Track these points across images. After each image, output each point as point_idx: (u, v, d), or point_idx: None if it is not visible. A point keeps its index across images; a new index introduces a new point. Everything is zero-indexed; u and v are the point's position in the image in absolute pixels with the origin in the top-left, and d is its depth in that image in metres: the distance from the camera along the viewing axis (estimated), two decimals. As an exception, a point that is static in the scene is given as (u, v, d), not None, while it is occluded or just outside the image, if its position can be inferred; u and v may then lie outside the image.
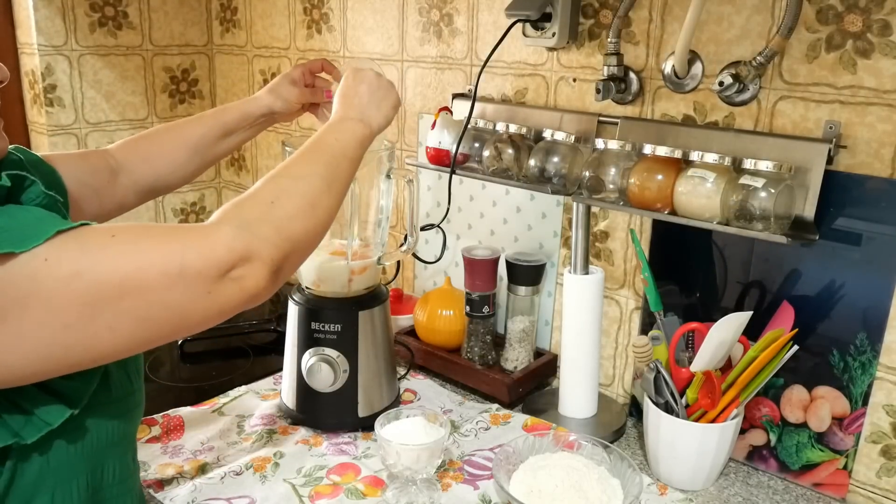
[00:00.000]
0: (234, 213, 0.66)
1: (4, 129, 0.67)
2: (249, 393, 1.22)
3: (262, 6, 1.68)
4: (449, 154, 1.20)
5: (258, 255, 0.63)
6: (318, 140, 0.80)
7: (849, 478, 0.99)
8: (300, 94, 1.08)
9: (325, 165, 0.77)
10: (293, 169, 0.75)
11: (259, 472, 1.00)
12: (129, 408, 0.74)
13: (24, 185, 0.65)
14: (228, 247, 0.62)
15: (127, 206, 0.97)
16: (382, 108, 0.90)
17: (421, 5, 1.35)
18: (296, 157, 0.77)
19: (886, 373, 0.93)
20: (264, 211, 0.68)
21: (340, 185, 0.78)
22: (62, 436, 0.65)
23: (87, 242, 0.58)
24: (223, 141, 1.04)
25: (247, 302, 0.64)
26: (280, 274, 0.67)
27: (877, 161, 0.91)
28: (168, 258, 0.59)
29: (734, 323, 0.94)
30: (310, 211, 0.71)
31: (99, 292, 0.57)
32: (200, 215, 1.93)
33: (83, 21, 1.61)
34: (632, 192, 0.99)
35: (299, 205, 0.70)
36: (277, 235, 0.66)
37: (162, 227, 0.63)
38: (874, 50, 0.89)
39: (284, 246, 0.67)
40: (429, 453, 0.92)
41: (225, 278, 0.61)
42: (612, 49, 1.07)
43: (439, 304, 1.29)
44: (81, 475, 0.68)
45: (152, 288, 0.59)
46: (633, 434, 1.15)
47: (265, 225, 0.66)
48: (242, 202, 0.68)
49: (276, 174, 0.73)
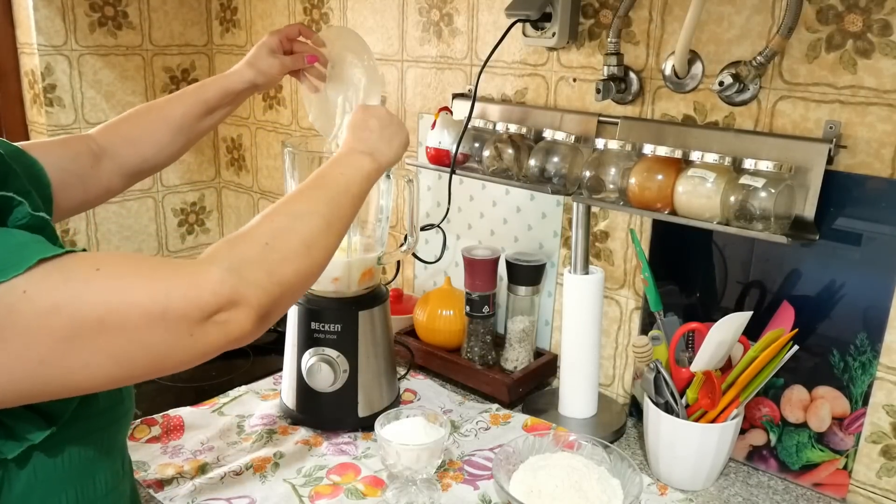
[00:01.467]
0: (225, 252, 0.64)
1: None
2: (249, 393, 1.21)
3: (262, 6, 1.68)
4: (449, 154, 1.20)
5: (246, 300, 0.61)
6: (322, 174, 0.78)
7: (849, 478, 0.98)
8: (281, 65, 1.04)
9: (327, 203, 0.74)
10: (293, 206, 0.72)
11: (259, 472, 1.00)
12: (117, 417, 0.71)
13: (11, 206, 0.62)
14: (215, 290, 0.59)
15: (113, 190, 0.95)
16: (393, 144, 0.88)
17: (421, 5, 1.35)
18: (297, 192, 0.74)
19: (886, 373, 0.93)
20: (257, 252, 0.65)
21: (341, 224, 0.75)
22: (46, 450, 0.63)
23: (69, 274, 0.56)
24: (206, 118, 1.01)
25: (230, 345, 0.62)
26: (268, 319, 0.64)
27: (877, 161, 0.91)
28: (152, 298, 0.57)
29: (734, 323, 0.94)
30: (305, 252, 0.69)
31: (77, 328, 0.55)
32: (200, 215, 1.93)
33: (83, 21, 1.61)
34: (632, 192, 0.99)
35: (295, 246, 0.68)
36: (268, 279, 0.64)
37: (149, 263, 0.60)
38: (874, 50, 0.89)
39: (274, 291, 0.64)
40: (429, 453, 0.92)
41: (209, 322, 0.59)
42: (612, 49, 1.07)
43: (439, 304, 1.29)
44: (70, 487, 0.66)
45: (133, 327, 0.56)
46: (633, 434, 1.15)
47: (256, 268, 0.64)
48: (236, 241, 0.66)
49: (275, 211, 0.71)
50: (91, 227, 1.73)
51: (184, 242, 1.92)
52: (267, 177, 1.81)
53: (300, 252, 0.68)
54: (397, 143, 0.89)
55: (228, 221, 1.96)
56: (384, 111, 0.91)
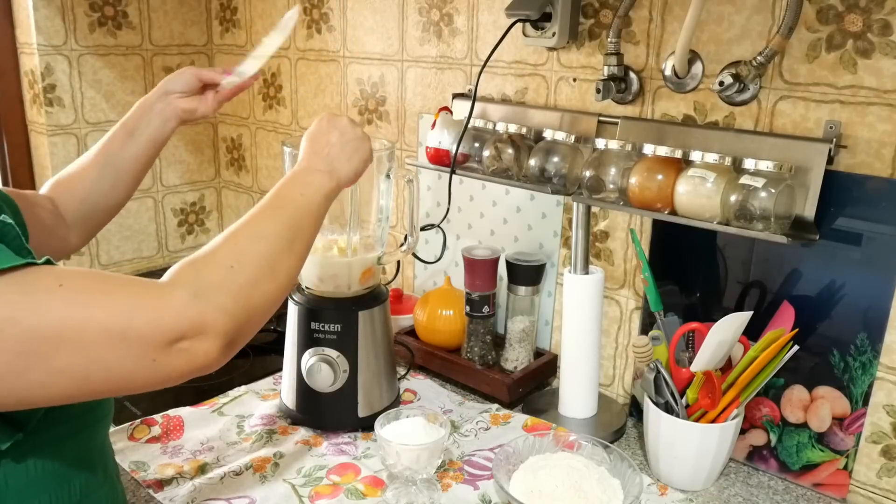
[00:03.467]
0: (191, 275, 0.62)
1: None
2: (249, 393, 1.21)
3: (261, 6, 1.68)
4: (449, 154, 1.20)
5: (212, 327, 0.59)
6: (282, 194, 0.76)
7: (849, 478, 0.98)
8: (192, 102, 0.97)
9: (288, 225, 0.72)
10: (254, 227, 0.70)
11: (259, 472, 1.00)
12: (93, 421, 0.69)
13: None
14: (179, 315, 0.57)
15: (71, 247, 0.92)
16: (353, 161, 0.84)
17: (421, 5, 1.35)
18: (258, 212, 0.72)
19: (887, 373, 0.93)
20: (223, 276, 0.63)
21: (302, 244, 0.74)
22: (16, 457, 0.61)
23: (30, 287, 0.54)
24: (129, 142, 0.94)
25: (195, 374, 0.60)
26: (234, 346, 0.63)
27: (877, 161, 0.91)
28: (113, 316, 0.55)
29: (734, 323, 0.94)
30: (270, 275, 0.67)
31: (34, 343, 0.53)
32: (200, 215, 1.93)
33: (83, 21, 1.61)
34: (632, 192, 0.99)
35: (259, 269, 0.66)
36: (235, 305, 0.62)
37: (113, 281, 0.59)
38: (874, 50, 0.89)
39: (241, 316, 0.63)
40: (429, 453, 0.92)
41: (172, 348, 0.57)
42: (613, 49, 1.07)
43: (439, 304, 1.29)
44: (43, 493, 0.64)
45: (92, 345, 0.54)
46: (633, 434, 1.15)
47: (222, 293, 0.62)
48: (200, 263, 0.63)
49: (237, 232, 0.69)
50: (91, 227, 1.73)
51: (184, 242, 1.92)
52: (267, 177, 1.81)
53: (266, 274, 0.67)
54: (358, 159, 0.85)
55: (228, 221, 1.96)
56: (347, 122, 0.87)
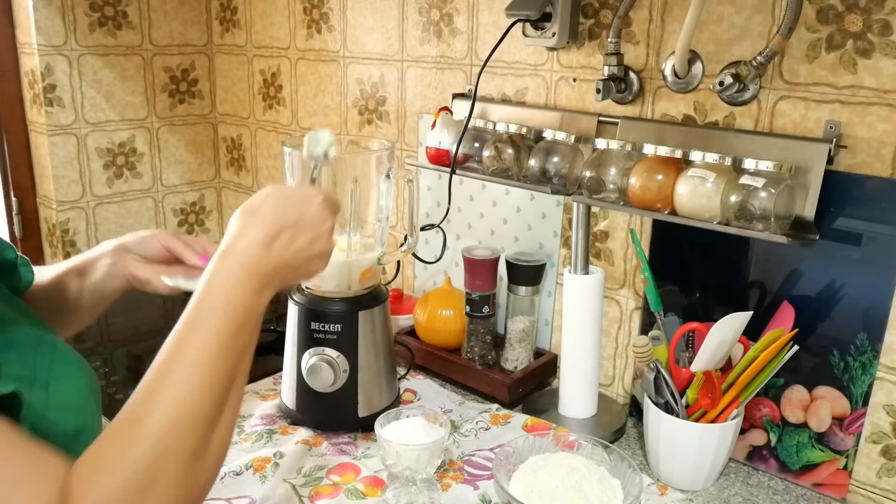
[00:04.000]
0: (98, 488, 0.52)
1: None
2: (249, 393, 1.21)
3: (261, 6, 1.68)
4: (449, 154, 1.20)
5: None
6: (215, 327, 0.63)
7: (849, 478, 0.98)
8: (148, 271, 0.85)
9: (225, 371, 0.62)
10: (181, 383, 0.58)
11: (259, 472, 1.00)
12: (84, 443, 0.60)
13: None
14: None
15: None
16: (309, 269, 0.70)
17: (421, 5, 1.35)
18: (184, 358, 0.59)
19: (887, 373, 0.93)
20: (139, 480, 0.53)
21: (237, 391, 0.63)
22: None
23: None
24: (77, 280, 0.85)
25: None
26: None
27: (877, 161, 0.91)
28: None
29: (734, 323, 0.94)
30: (198, 458, 0.57)
31: None
32: (200, 215, 1.93)
33: (83, 21, 1.61)
34: (632, 192, 0.99)
35: (186, 454, 0.56)
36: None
37: (20, 456, 0.52)
38: (874, 50, 0.89)
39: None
40: (429, 453, 0.92)
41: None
42: (613, 49, 1.07)
43: (439, 304, 1.29)
44: None
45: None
46: (633, 434, 1.15)
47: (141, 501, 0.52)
48: (112, 468, 0.53)
49: (156, 400, 0.57)
50: (91, 227, 1.73)
51: (184, 242, 1.92)
52: (267, 177, 1.81)
53: (192, 461, 0.56)
54: (313, 268, 0.71)
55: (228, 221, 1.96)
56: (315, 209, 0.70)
